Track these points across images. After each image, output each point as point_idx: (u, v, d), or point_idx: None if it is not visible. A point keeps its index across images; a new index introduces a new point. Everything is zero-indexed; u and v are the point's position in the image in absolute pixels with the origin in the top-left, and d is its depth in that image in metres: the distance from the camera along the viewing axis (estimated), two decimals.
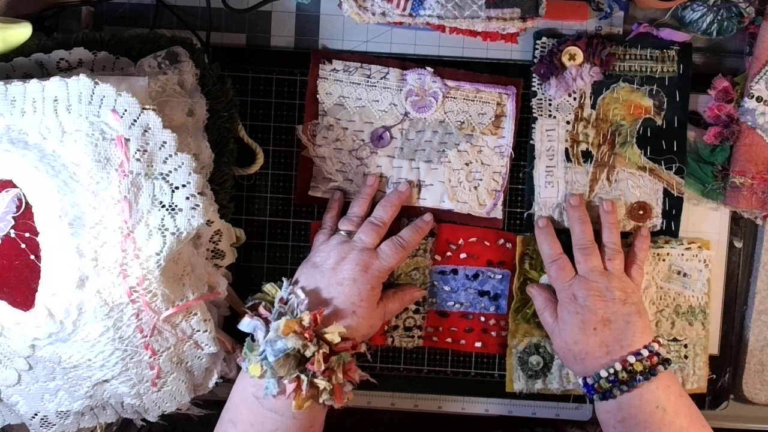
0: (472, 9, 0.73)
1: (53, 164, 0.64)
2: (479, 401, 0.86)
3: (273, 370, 0.69)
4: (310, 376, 0.69)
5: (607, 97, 0.81)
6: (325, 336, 0.71)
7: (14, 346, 0.67)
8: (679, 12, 0.80)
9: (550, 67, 0.80)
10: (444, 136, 0.82)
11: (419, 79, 0.81)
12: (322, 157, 0.82)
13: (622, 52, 0.81)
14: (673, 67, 0.81)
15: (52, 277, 0.64)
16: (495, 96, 0.81)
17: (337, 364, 0.71)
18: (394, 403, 0.85)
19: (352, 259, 0.75)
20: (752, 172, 0.79)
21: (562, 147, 0.82)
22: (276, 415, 0.70)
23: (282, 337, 0.69)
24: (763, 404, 0.86)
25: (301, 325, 0.70)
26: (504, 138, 0.82)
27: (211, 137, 0.75)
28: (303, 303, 0.73)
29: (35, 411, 0.71)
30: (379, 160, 0.82)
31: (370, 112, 0.82)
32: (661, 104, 0.81)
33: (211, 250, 0.76)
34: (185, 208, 0.65)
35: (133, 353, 0.68)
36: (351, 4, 0.73)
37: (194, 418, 0.78)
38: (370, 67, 0.81)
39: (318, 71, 0.81)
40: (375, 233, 0.77)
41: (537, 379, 0.84)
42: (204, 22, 0.81)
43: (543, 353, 0.83)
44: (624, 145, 0.82)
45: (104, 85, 0.63)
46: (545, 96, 0.81)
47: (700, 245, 0.83)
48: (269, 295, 0.76)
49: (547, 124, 0.82)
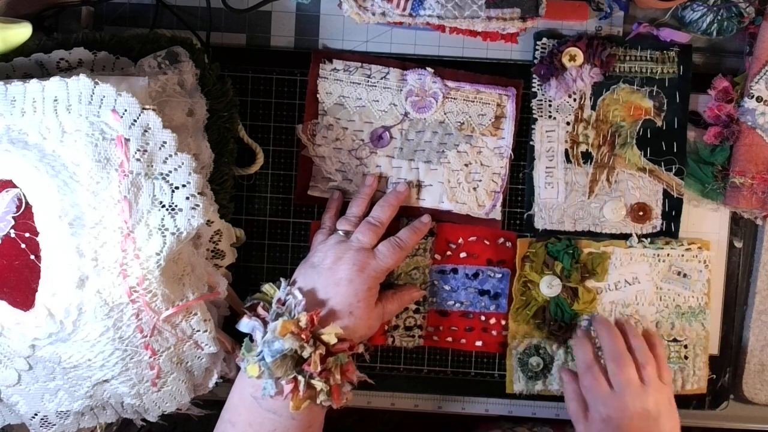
0: (472, 9, 0.73)
1: (53, 164, 0.64)
2: (479, 401, 0.86)
3: (270, 370, 0.69)
4: (307, 377, 0.69)
5: (607, 98, 0.81)
6: (322, 337, 0.71)
7: (14, 346, 0.67)
8: (679, 12, 0.80)
9: (551, 68, 0.80)
10: (444, 136, 0.82)
11: (419, 79, 0.81)
12: (322, 157, 0.82)
13: (622, 53, 0.81)
14: (673, 68, 0.81)
15: (52, 277, 0.64)
16: (495, 97, 0.81)
17: (335, 365, 0.71)
18: (394, 403, 0.85)
19: (349, 259, 0.75)
20: (752, 172, 0.79)
21: (562, 148, 0.82)
22: (274, 415, 0.70)
23: (279, 338, 0.69)
24: (763, 404, 0.86)
25: (298, 326, 0.70)
26: (504, 139, 0.82)
27: (211, 137, 0.75)
28: (300, 304, 0.73)
29: (35, 411, 0.71)
30: (378, 160, 0.82)
31: (370, 112, 0.82)
32: (661, 105, 0.81)
33: (211, 250, 0.76)
34: (185, 208, 0.65)
35: (133, 353, 0.68)
36: (351, 4, 0.73)
37: (194, 418, 0.78)
38: (370, 67, 0.81)
39: (318, 71, 0.81)
40: (372, 233, 0.77)
41: (537, 380, 0.84)
42: (204, 22, 0.81)
43: (543, 354, 0.83)
44: (624, 146, 0.82)
45: (104, 85, 0.63)
46: (545, 97, 0.81)
47: (700, 246, 0.83)
48: (268, 296, 0.76)
49: (547, 125, 0.82)
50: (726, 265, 0.84)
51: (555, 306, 0.83)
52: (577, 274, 0.82)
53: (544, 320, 0.83)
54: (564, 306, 0.82)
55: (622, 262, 0.83)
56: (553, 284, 0.82)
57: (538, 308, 0.83)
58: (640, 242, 0.82)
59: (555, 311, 0.83)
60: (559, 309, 0.83)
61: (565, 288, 0.82)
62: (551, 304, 0.83)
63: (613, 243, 0.83)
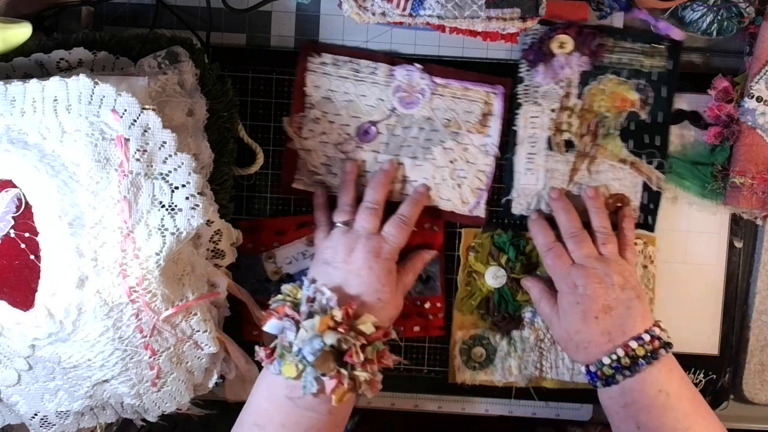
0: (472, 9, 0.73)
1: (53, 164, 0.64)
2: (479, 401, 0.86)
3: (313, 368, 0.68)
4: (350, 370, 0.69)
5: (594, 88, 0.81)
6: (360, 327, 0.71)
7: (14, 346, 0.67)
8: (679, 12, 0.80)
9: (539, 53, 0.80)
10: (430, 132, 0.82)
11: (408, 75, 0.81)
12: (308, 150, 0.82)
13: (612, 44, 0.81)
14: (662, 62, 0.81)
15: (52, 277, 0.64)
16: (482, 94, 0.81)
17: (373, 353, 0.71)
18: (394, 403, 0.85)
19: (362, 247, 0.75)
20: (752, 173, 0.79)
21: (544, 135, 0.82)
22: (312, 412, 0.70)
23: (318, 334, 0.69)
24: (763, 404, 0.86)
25: (334, 320, 0.70)
26: (490, 137, 0.82)
27: (211, 137, 0.75)
28: (332, 300, 0.72)
29: (35, 411, 0.71)
30: (364, 154, 0.82)
31: (358, 106, 0.82)
32: (647, 99, 0.81)
33: (211, 250, 0.76)
34: (185, 208, 0.65)
35: (132, 353, 0.68)
36: (351, 4, 0.73)
37: (194, 418, 0.78)
38: (359, 62, 0.81)
39: (307, 64, 0.81)
40: (374, 217, 0.77)
41: (479, 370, 0.84)
42: (204, 22, 0.81)
43: (486, 345, 0.84)
44: (607, 136, 0.82)
45: (104, 85, 0.63)
46: (532, 83, 0.81)
47: (645, 241, 0.83)
48: (291, 296, 0.75)
49: (532, 110, 0.82)
50: (726, 264, 0.84)
51: (499, 297, 0.83)
52: (522, 265, 0.82)
53: (488, 311, 0.83)
54: (508, 297, 0.83)
55: None
56: (498, 275, 0.82)
57: (482, 299, 0.83)
58: None
59: (499, 302, 0.83)
60: (503, 300, 0.83)
61: (510, 279, 0.82)
62: (496, 295, 0.83)
63: None
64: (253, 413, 0.72)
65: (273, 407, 0.71)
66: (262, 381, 0.73)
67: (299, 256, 0.82)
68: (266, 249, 0.82)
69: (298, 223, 0.83)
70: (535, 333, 0.83)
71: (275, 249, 0.82)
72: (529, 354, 0.84)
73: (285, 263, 0.82)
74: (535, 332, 0.83)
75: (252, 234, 0.82)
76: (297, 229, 0.83)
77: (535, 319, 0.83)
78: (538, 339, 0.83)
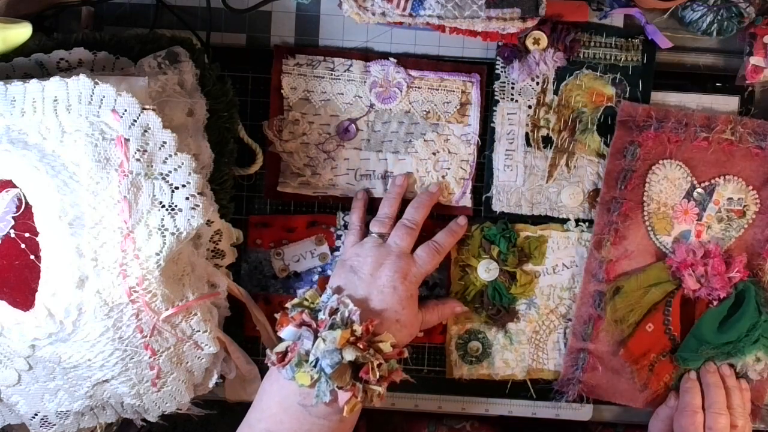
0: (472, 9, 0.73)
1: (53, 164, 0.64)
2: (479, 401, 0.85)
3: (330, 380, 0.68)
4: (364, 383, 0.70)
5: (570, 84, 0.82)
6: (379, 345, 0.71)
7: (14, 346, 0.67)
8: (679, 12, 0.80)
9: (514, 50, 0.80)
10: (410, 126, 0.82)
11: (383, 70, 0.81)
12: (289, 152, 0.82)
13: (587, 39, 0.81)
14: (637, 56, 0.81)
15: (52, 277, 0.64)
16: (459, 84, 0.81)
17: (387, 370, 0.71)
18: (394, 403, 0.85)
19: (391, 265, 0.75)
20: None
21: (522, 131, 0.82)
22: (324, 420, 0.71)
23: (338, 348, 0.69)
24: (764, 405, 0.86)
25: (354, 335, 0.70)
26: (470, 126, 0.82)
27: (211, 137, 0.75)
28: (355, 313, 0.72)
29: (35, 411, 0.71)
30: (346, 152, 0.82)
31: (336, 105, 0.82)
32: (624, 93, 0.81)
33: (211, 250, 0.76)
34: (185, 208, 0.65)
35: (133, 353, 0.68)
36: (351, 4, 0.73)
37: (194, 418, 0.78)
38: (333, 60, 0.81)
39: (281, 66, 0.81)
40: (409, 236, 0.77)
41: (476, 364, 0.84)
42: (204, 22, 0.81)
43: (482, 339, 0.84)
44: (585, 132, 0.82)
45: (104, 85, 0.63)
46: (508, 79, 0.81)
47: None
48: (309, 302, 0.75)
49: (509, 107, 0.82)
50: None
51: (493, 290, 0.83)
52: (514, 257, 0.82)
53: (482, 304, 0.83)
54: (502, 290, 0.83)
55: (559, 246, 0.83)
56: (491, 268, 0.82)
57: (476, 292, 0.83)
58: (578, 226, 0.83)
59: (493, 295, 0.83)
60: (497, 293, 0.83)
61: (503, 272, 0.82)
62: (489, 289, 0.83)
63: (551, 227, 0.83)
64: (263, 419, 0.72)
65: (284, 414, 0.71)
66: (271, 385, 0.73)
67: (307, 254, 0.83)
68: (275, 245, 0.82)
69: (309, 222, 0.83)
70: (531, 325, 0.84)
71: (284, 246, 0.82)
72: (526, 346, 0.84)
73: (293, 261, 0.82)
74: (530, 324, 0.84)
75: (262, 229, 0.82)
76: (307, 228, 0.83)
77: (530, 311, 0.83)
78: (534, 331, 0.83)
